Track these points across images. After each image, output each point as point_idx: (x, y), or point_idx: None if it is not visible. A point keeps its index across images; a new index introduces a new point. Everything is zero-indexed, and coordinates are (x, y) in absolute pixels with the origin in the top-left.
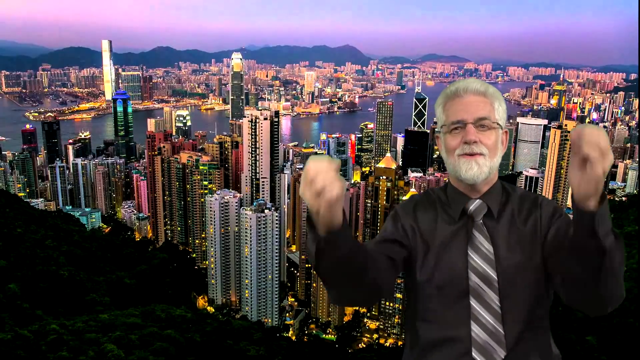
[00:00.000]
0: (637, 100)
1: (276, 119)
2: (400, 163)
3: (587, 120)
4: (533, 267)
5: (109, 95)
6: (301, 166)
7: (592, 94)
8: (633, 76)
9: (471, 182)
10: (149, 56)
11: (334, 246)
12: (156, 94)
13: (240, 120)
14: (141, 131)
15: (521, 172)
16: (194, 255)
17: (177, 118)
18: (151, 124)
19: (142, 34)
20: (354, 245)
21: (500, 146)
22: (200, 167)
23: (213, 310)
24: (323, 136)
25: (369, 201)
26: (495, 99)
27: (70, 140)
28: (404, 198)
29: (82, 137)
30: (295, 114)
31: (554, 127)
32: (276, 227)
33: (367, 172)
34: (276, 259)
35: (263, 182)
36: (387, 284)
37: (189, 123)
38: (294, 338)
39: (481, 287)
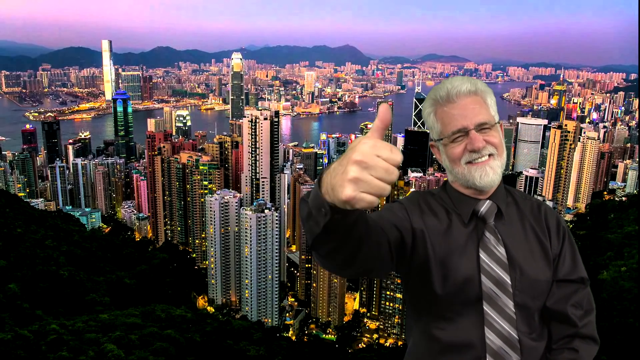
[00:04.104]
0: (637, 100)
1: (276, 119)
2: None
3: (587, 120)
4: (544, 279)
5: (109, 95)
6: (301, 166)
7: (592, 94)
8: (633, 76)
9: (488, 189)
10: (149, 56)
11: (349, 216)
12: (156, 94)
13: (240, 120)
14: (141, 131)
15: (521, 172)
16: (194, 255)
17: (177, 118)
18: (151, 124)
19: (142, 34)
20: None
21: (503, 141)
22: (200, 167)
23: (213, 310)
24: (323, 136)
25: None
26: (486, 94)
27: (70, 140)
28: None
29: (82, 137)
30: (295, 114)
31: (554, 127)
32: (276, 227)
33: None
34: (276, 259)
35: (263, 182)
36: (378, 268)
37: (189, 123)
38: (294, 338)
39: (495, 292)
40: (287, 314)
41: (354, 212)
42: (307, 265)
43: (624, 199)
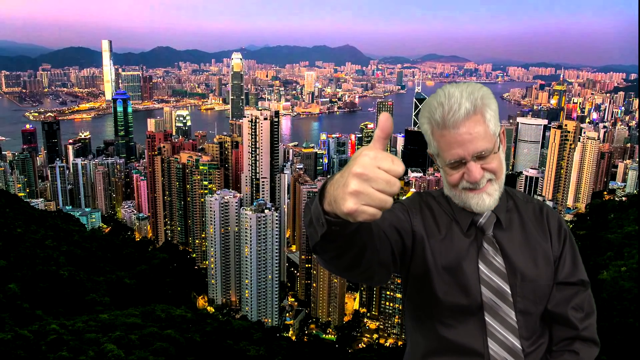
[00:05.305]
0: (637, 100)
1: (276, 119)
2: None
3: (587, 120)
4: (545, 283)
5: (109, 95)
6: (301, 166)
7: (592, 94)
8: (633, 76)
9: (484, 213)
10: (149, 56)
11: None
12: (156, 94)
13: (240, 120)
14: (141, 131)
15: (521, 172)
16: (194, 255)
17: (177, 118)
18: (151, 124)
19: (142, 34)
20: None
21: (504, 158)
22: (200, 167)
23: (213, 310)
24: (323, 136)
25: None
26: (485, 107)
27: (70, 140)
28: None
29: (82, 137)
30: (295, 114)
31: (554, 127)
32: (276, 227)
33: None
34: (276, 259)
35: (263, 182)
36: (381, 273)
37: (189, 123)
38: (294, 338)
39: (495, 302)
40: (287, 314)
41: (353, 223)
42: (307, 265)
43: (624, 199)
